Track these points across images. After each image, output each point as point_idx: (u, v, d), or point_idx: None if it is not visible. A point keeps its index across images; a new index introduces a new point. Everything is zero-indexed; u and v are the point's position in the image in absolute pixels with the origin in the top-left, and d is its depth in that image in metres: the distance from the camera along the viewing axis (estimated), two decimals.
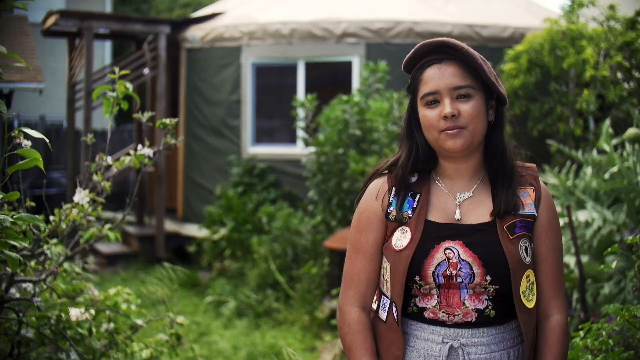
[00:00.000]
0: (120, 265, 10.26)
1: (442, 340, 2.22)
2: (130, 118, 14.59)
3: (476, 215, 2.27)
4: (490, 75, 2.23)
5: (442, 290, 2.21)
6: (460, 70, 2.22)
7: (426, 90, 2.23)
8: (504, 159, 2.30)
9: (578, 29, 7.81)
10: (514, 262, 2.19)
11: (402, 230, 2.27)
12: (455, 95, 2.21)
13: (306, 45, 10.04)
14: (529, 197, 2.30)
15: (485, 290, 2.20)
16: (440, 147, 2.25)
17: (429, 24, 9.70)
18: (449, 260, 2.20)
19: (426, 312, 2.25)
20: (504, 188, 2.27)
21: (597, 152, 6.39)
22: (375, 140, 8.04)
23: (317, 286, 7.85)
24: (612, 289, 4.92)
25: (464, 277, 2.19)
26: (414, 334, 2.27)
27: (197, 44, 10.80)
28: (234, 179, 10.09)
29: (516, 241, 2.22)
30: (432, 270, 2.20)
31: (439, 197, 2.31)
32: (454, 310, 2.21)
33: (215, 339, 7.26)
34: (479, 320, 2.21)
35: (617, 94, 7.36)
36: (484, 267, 2.19)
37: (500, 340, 2.23)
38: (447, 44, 2.24)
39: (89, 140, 3.61)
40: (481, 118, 2.23)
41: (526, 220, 2.26)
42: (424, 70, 2.26)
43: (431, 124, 2.23)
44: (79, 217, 3.33)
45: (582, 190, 5.81)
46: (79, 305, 3.37)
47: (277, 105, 10.68)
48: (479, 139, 2.25)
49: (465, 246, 2.21)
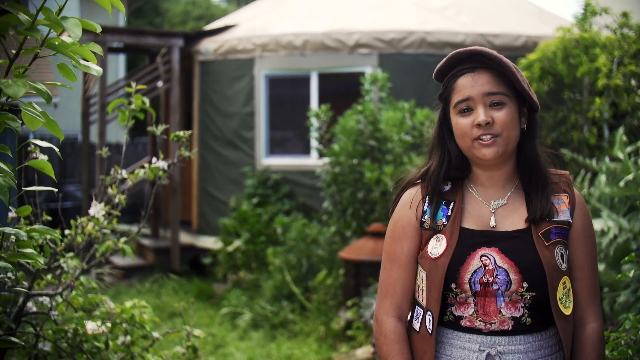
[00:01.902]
0: (136, 278, 10.29)
1: (479, 349, 2.22)
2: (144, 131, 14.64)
3: (511, 222, 2.27)
4: (523, 83, 2.24)
5: (478, 299, 2.21)
6: (493, 79, 2.23)
7: (459, 97, 2.24)
8: (538, 166, 2.31)
9: (591, 37, 7.79)
10: (551, 269, 2.18)
11: (437, 238, 2.28)
12: (488, 103, 2.22)
13: (319, 57, 10.06)
14: (563, 203, 2.30)
15: (521, 297, 2.20)
16: (474, 156, 2.25)
17: (441, 34, 9.70)
18: (485, 267, 2.20)
19: (463, 320, 2.24)
20: (538, 195, 2.27)
21: (611, 160, 6.36)
22: (390, 150, 8.04)
23: (332, 297, 7.84)
24: (629, 298, 4.89)
25: (501, 284, 2.19)
26: (450, 343, 2.27)
27: (211, 57, 10.84)
28: (248, 191, 10.10)
29: (552, 247, 2.22)
30: (468, 277, 2.21)
31: (473, 204, 2.32)
32: (491, 318, 2.21)
33: (231, 351, 7.25)
34: (515, 328, 2.21)
35: (630, 102, 7.34)
36: (520, 274, 2.18)
37: (538, 347, 2.22)
38: (481, 52, 2.25)
39: (104, 154, 3.63)
40: (514, 126, 2.24)
41: (561, 227, 2.26)
42: (457, 79, 2.27)
43: (464, 132, 2.24)
44: (94, 231, 3.35)
45: (597, 198, 5.78)
46: (95, 319, 3.38)
47: (290, 116, 10.69)
48: (512, 146, 2.26)
49: (501, 253, 2.21)
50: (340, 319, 7.34)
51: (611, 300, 5.15)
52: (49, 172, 2.05)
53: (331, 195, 8.49)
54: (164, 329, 4.29)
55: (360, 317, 6.88)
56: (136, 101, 3.47)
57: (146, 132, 10.66)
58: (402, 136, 7.93)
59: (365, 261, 7.21)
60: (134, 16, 24.56)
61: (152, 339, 3.53)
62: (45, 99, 1.92)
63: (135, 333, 3.46)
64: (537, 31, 10.03)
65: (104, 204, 3.40)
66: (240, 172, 10.44)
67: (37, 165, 2.08)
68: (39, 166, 2.08)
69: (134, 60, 21.80)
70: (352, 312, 7.08)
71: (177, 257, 10.63)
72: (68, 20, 1.80)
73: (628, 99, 7.36)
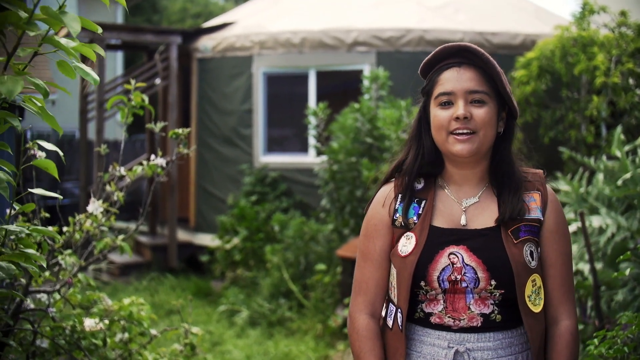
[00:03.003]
0: (133, 275, 10.28)
1: (448, 345, 2.23)
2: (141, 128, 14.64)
3: (481, 220, 2.28)
4: (506, 86, 2.25)
5: (447, 295, 2.23)
6: (478, 76, 2.24)
7: (442, 90, 2.25)
8: (511, 171, 2.31)
9: (589, 35, 7.79)
10: (518, 266, 2.19)
11: (407, 237, 2.29)
12: (470, 100, 2.23)
13: (317, 54, 10.06)
14: (534, 201, 2.30)
15: (491, 294, 2.21)
16: (448, 150, 2.26)
17: (439, 32, 9.70)
18: (453, 265, 2.21)
19: (432, 317, 2.26)
20: (510, 194, 2.27)
21: (609, 159, 6.36)
22: (387, 148, 8.04)
23: (330, 295, 7.85)
24: (626, 296, 4.89)
25: (469, 282, 2.20)
26: (420, 340, 2.28)
27: (209, 54, 10.83)
28: (246, 188, 10.10)
29: (520, 245, 2.22)
30: (436, 275, 2.22)
31: (444, 203, 2.33)
32: (460, 315, 2.22)
33: (229, 349, 7.26)
34: (485, 324, 2.22)
35: (628, 101, 7.34)
36: (488, 272, 2.19)
37: (508, 345, 2.23)
38: (468, 49, 2.26)
39: (103, 151, 3.63)
40: (492, 126, 2.25)
41: (531, 224, 2.26)
42: (442, 72, 2.28)
43: (442, 124, 2.24)
44: (92, 228, 3.35)
45: (595, 197, 5.79)
46: (93, 316, 3.38)
47: (288, 114, 10.69)
48: (487, 146, 2.26)
49: (469, 251, 2.22)
50: (338, 317, 7.34)
51: (608, 298, 5.15)
52: (53, 171, 2.05)
53: (329, 193, 8.49)
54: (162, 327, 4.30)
55: None
56: (136, 98, 3.47)
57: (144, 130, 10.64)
58: (399, 134, 7.93)
59: None
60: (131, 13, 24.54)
61: (149, 336, 3.53)
62: (42, 94, 1.92)
63: (133, 330, 3.46)
64: (535, 30, 10.03)
65: (102, 201, 3.40)
66: (238, 169, 10.44)
67: (42, 165, 2.08)
68: (43, 165, 2.07)
69: (132, 58, 21.78)
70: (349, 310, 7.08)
71: (175, 254, 10.63)
72: (67, 15, 1.80)
73: (626, 97, 7.37)
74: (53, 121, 1.97)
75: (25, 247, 2.23)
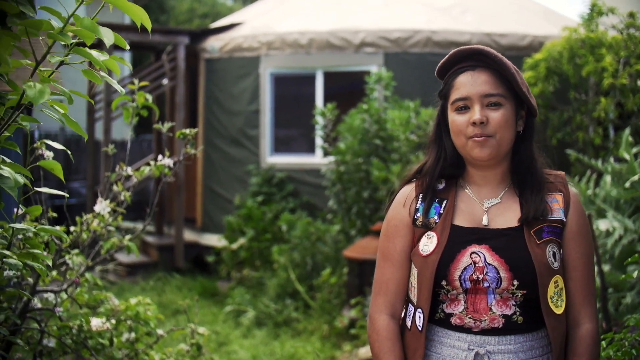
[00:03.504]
0: (140, 275, 10.29)
1: (468, 347, 2.21)
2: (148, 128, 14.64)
3: (503, 220, 2.27)
4: (522, 86, 2.24)
5: (469, 296, 2.21)
6: (492, 79, 2.24)
7: (457, 95, 2.25)
8: (533, 169, 2.31)
9: (597, 37, 7.77)
10: (541, 267, 2.17)
11: (428, 236, 2.28)
12: (485, 103, 2.22)
13: (324, 55, 10.06)
14: (557, 202, 2.30)
15: (512, 295, 2.19)
16: (467, 154, 2.26)
17: (447, 33, 9.69)
18: (475, 265, 2.20)
19: (453, 318, 2.24)
20: (533, 195, 2.26)
21: (616, 161, 6.34)
22: (396, 149, 8.03)
23: (336, 296, 7.84)
24: (634, 299, 4.88)
25: (491, 282, 2.19)
26: (440, 341, 2.27)
27: (216, 54, 10.84)
28: (252, 189, 10.10)
29: (543, 246, 2.21)
30: (458, 274, 2.20)
31: (466, 202, 2.32)
32: (481, 315, 2.20)
33: (235, 349, 7.26)
34: (506, 326, 2.20)
35: (636, 103, 7.32)
36: (510, 272, 2.18)
37: (529, 348, 2.21)
38: (482, 51, 2.26)
39: (110, 151, 3.63)
40: (509, 127, 2.24)
41: (554, 225, 2.25)
42: (456, 76, 2.28)
43: (460, 129, 2.24)
44: (99, 228, 3.35)
45: (603, 199, 5.77)
46: (100, 315, 3.39)
47: (295, 114, 10.69)
48: (506, 148, 2.26)
49: (491, 250, 2.21)
50: (344, 318, 7.34)
51: (616, 301, 5.14)
52: (59, 173, 2.06)
53: (336, 194, 8.49)
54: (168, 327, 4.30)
55: (364, 316, 6.88)
56: (139, 98, 3.47)
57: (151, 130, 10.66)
58: (408, 135, 7.93)
59: (369, 260, 7.20)
60: None
61: (156, 336, 3.54)
62: (68, 100, 1.94)
63: (139, 330, 3.46)
64: (543, 31, 10.01)
65: (109, 201, 3.41)
66: (245, 170, 10.44)
67: (48, 166, 2.09)
68: (49, 167, 2.08)
69: (140, 58, 21.81)
70: (355, 311, 7.08)
71: (181, 254, 10.64)
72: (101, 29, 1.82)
73: (634, 99, 7.34)
74: (77, 127, 1.98)
75: (32, 247, 2.23)
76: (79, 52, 1.88)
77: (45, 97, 1.80)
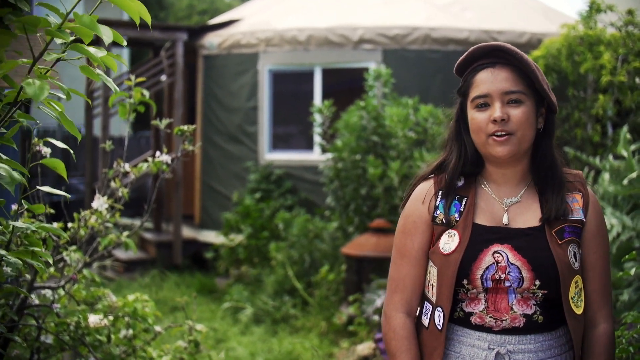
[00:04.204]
0: (138, 272, 10.29)
1: (489, 347, 2.20)
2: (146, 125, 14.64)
3: (524, 220, 2.26)
4: (543, 83, 2.23)
5: (489, 295, 2.20)
6: (513, 76, 2.22)
7: (477, 92, 2.23)
8: (553, 167, 2.29)
9: (596, 34, 7.77)
10: (563, 267, 2.17)
11: (449, 234, 2.26)
12: (506, 100, 2.20)
13: (323, 52, 10.05)
14: (577, 202, 2.28)
15: (533, 295, 2.18)
16: (487, 152, 2.24)
17: (445, 30, 9.69)
18: (498, 264, 2.19)
19: (473, 317, 2.23)
20: (554, 195, 2.25)
21: (615, 158, 6.34)
22: (394, 146, 8.03)
23: (334, 292, 7.85)
24: (631, 296, 4.88)
25: (513, 281, 2.17)
26: (459, 340, 2.26)
27: (215, 51, 10.84)
28: (251, 186, 10.10)
29: (565, 246, 2.20)
30: (480, 273, 2.19)
31: (486, 201, 2.30)
32: (502, 315, 2.19)
33: (233, 346, 7.26)
34: (527, 325, 2.19)
35: (634, 100, 7.32)
36: (533, 272, 2.17)
37: (548, 347, 2.21)
38: (502, 48, 2.24)
39: (108, 147, 3.63)
40: (530, 125, 2.22)
41: (575, 225, 2.24)
42: (476, 74, 2.26)
43: (480, 127, 2.23)
44: (97, 224, 3.35)
45: (601, 196, 5.77)
46: (97, 312, 3.38)
47: (294, 111, 10.69)
48: (526, 145, 2.24)
49: (514, 250, 2.19)
50: (342, 315, 7.34)
51: (614, 298, 5.14)
52: (62, 171, 2.04)
53: (334, 191, 8.48)
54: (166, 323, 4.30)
55: (362, 313, 6.87)
56: (135, 94, 3.46)
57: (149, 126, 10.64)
58: (406, 132, 7.92)
59: (367, 257, 7.20)
60: None
61: (154, 333, 3.53)
62: (66, 97, 1.93)
63: (137, 327, 3.46)
64: (541, 28, 10.01)
65: (106, 198, 3.41)
66: (243, 166, 10.44)
67: (51, 164, 2.07)
68: (52, 165, 2.06)
69: (138, 54, 21.79)
70: (353, 308, 7.08)
71: (179, 251, 10.63)
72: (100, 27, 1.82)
73: (632, 96, 7.34)
74: (72, 126, 1.97)
75: (31, 244, 2.23)
76: (77, 49, 1.87)
77: (45, 94, 1.79)
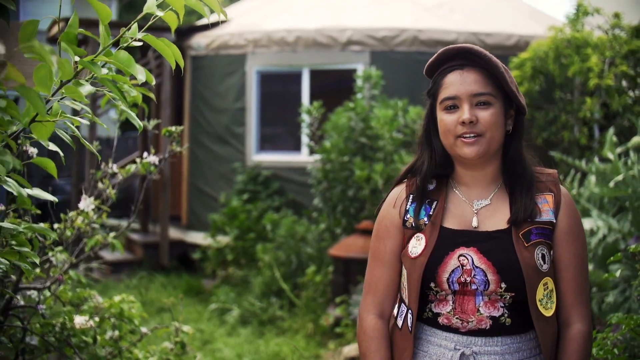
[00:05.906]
0: (125, 273, 10.25)
1: (455, 347, 2.21)
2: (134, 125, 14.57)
3: (493, 222, 2.26)
4: (512, 85, 2.23)
5: (457, 297, 2.21)
6: (481, 78, 2.22)
7: (446, 94, 2.23)
8: (522, 169, 2.29)
9: (583, 37, 7.81)
10: (529, 270, 2.16)
11: (417, 238, 2.28)
12: (474, 102, 2.21)
13: (311, 53, 10.05)
14: (547, 203, 2.27)
15: (501, 297, 2.18)
16: (456, 153, 2.25)
17: (433, 32, 9.70)
18: (463, 267, 2.19)
19: (440, 317, 2.24)
20: (522, 195, 2.25)
21: (601, 161, 6.37)
22: (381, 148, 8.03)
23: (321, 294, 7.84)
24: (616, 298, 4.90)
25: (479, 284, 2.18)
26: (427, 339, 2.27)
27: (202, 52, 10.82)
28: (238, 187, 10.08)
29: (532, 248, 2.19)
30: (446, 276, 2.20)
31: (456, 204, 2.31)
32: (468, 316, 2.20)
33: (219, 347, 7.24)
34: (494, 327, 2.19)
35: (621, 103, 7.36)
36: (498, 274, 2.17)
37: (516, 350, 2.20)
38: (471, 50, 2.24)
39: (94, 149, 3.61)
40: (499, 126, 2.23)
41: (543, 227, 2.23)
42: (445, 75, 2.26)
43: (448, 128, 2.23)
44: (83, 225, 3.34)
45: (587, 198, 5.80)
46: (83, 313, 3.37)
47: (281, 112, 10.68)
48: (495, 147, 2.25)
49: (479, 253, 2.20)
50: (329, 316, 7.34)
51: (599, 300, 5.16)
52: (52, 171, 2.03)
53: (321, 192, 8.48)
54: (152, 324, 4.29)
55: (349, 315, 6.88)
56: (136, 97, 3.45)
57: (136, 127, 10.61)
58: (393, 134, 7.93)
59: (354, 258, 7.20)
60: (126, 10, 24.48)
61: (140, 334, 3.52)
62: None
63: (123, 328, 3.45)
64: (529, 30, 10.04)
65: (93, 199, 3.39)
66: (230, 168, 10.42)
67: (41, 164, 2.06)
68: (42, 164, 2.05)
69: None
70: (340, 310, 7.08)
71: (166, 252, 10.61)
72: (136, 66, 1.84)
73: (619, 99, 7.38)
74: None
75: (18, 244, 2.22)
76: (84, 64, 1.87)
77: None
